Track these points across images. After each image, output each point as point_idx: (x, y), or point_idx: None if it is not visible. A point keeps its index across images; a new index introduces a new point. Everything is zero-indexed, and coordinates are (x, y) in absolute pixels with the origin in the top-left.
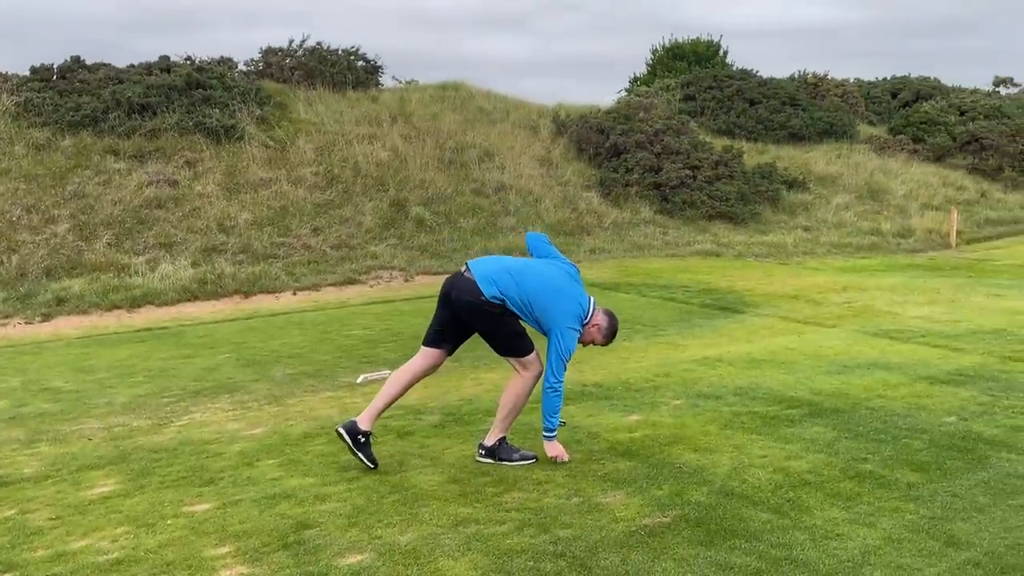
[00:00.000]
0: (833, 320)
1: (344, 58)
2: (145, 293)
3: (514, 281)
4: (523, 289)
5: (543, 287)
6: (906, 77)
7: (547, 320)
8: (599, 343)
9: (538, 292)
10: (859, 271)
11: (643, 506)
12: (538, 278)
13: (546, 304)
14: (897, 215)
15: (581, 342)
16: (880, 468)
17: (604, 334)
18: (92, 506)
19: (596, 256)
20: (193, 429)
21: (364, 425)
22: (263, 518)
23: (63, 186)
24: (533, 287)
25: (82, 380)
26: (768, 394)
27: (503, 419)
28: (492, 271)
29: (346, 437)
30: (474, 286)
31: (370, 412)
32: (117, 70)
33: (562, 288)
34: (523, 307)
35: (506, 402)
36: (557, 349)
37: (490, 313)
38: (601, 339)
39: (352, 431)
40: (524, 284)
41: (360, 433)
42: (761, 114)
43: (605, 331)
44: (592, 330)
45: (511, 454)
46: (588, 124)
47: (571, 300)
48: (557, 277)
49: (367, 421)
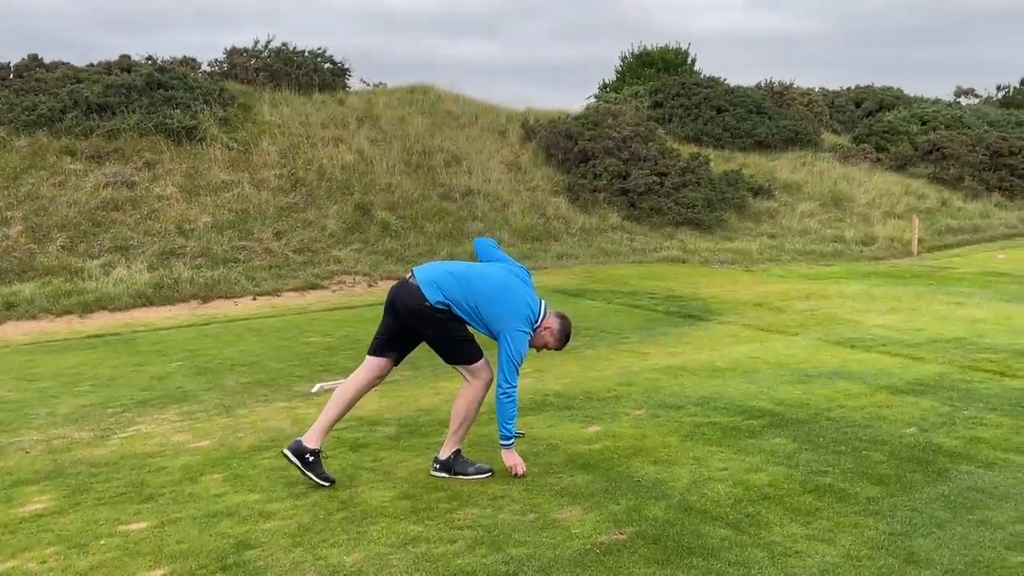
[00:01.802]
0: (796, 328)
1: (311, 60)
2: (98, 298)
3: (459, 284)
4: (469, 292)
5: (490, 289)
6: (870, 87)
7: (495, 323)
8: (552, 347)
9: (485, 294)
10: (823, 278)
11: (599, 522)
12: (485, 280)
13: (493, 306)
14: (860, 223)
15: (533, 346)
16: (840, 481)
17: (556, 337)
18: (23, 524)
19: (563, 262)
20: (136, 442)
21: (311, 443)
22: (202, 538)
23: (16, 187)
24: (479, 289)
25: (25, 389)
26: (730, 404)
27: (455, 431)
28: (436, 275)
29: (292, 458)
30: (418, 292)
31: (316, 430)
32: (76, 69)
33: (510, 289)
34: (470, 311)
35: (457, 413)
36: (507, 353)
37: (435, 319)
38: (554, 343)
39: (299, 451)
40: (470, 287)
41: (308, 452)
42: (728, 122)
43: (557, 334)
44: (544, 333)
45: (466, 467)
46: (557, 129)
47: (520, 302)
48: (505, 279)
49: (314, 439)
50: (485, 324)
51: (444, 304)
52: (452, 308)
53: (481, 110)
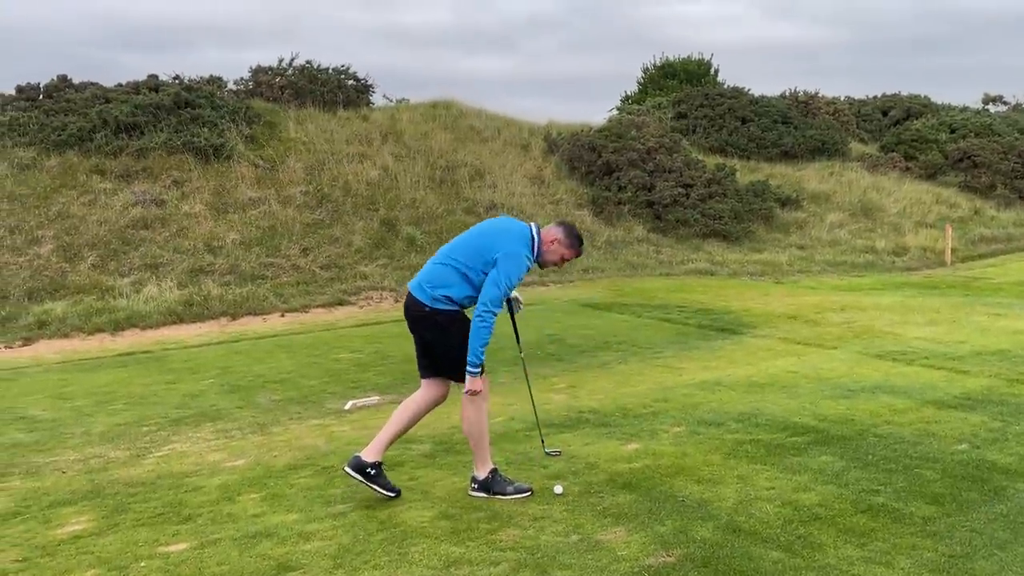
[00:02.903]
0: (834, 341)
1: (334, 77)
2: (129, 316)
3: (443, 261)
4: (454, 257)
5: (473, 234)
6: (896, 95)
7: (491, 252)
8: (569, 256)
9: (470, 244)
10: (855, 290)
11: (646, 544)
12: (467, 235)
13: (483, 241)
14: (891, 233)
15: (553, 264)
16: (894, 501)
17: (568, 243)
18: (62, 546)
19: (589, 275)
20: (172, 460)
21: (370, 458)
22: (243, 559)
23: (47, 206)
24: (462, 243)
25: (59, 408)
26: (771, 420)
27: (477, 451)
28: (422, 275)
29: (354, 474)
30: (414, 300)
31: (376, 445)
32: (104, 89)
33: (498, 225)
34: (466, 274)
35: (470, 434)
36: (496, 277)
37: (435, 323)
38: (569, 251)
39: (359, 466)
40: (453, 252)
41: (368, 465)
42: (753, 132)
43: (566, 239)
44: (553, 247)
45: (505, 487)
46: (580, 142)
47: (510, 225)
48: (483, 224)
49: (373, 453)
50: (484, 271)
51: (441, 299)
52: (451, 298)
53: (503, 124)
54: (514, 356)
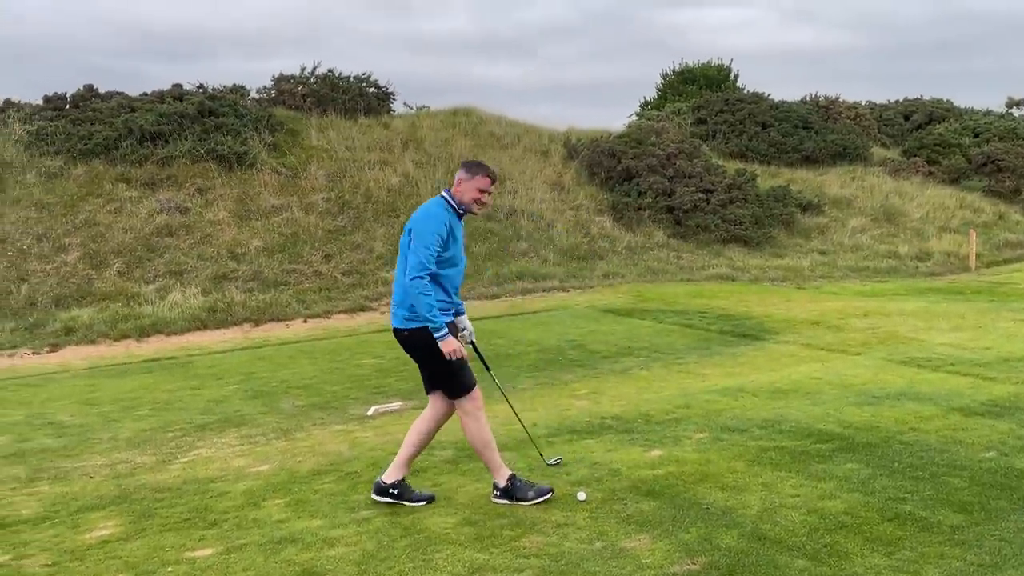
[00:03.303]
0: (857, 347)
1: (356, 85)
2: (154, 322)
3: (397, 279)
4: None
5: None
6: (918, 99)
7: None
8: (483, 185)
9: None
10: (879, 295)
11: (670, 551)
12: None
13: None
14: (914, 238)
15: (474, 204)
16: (921, 509)
17: (470, 175)
18: (90, 551)
19: (610, 281)
20: (198, 466)
21: (390, 479)
22: (268, 565)
23: (74, 214)
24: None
25: (87, 413)
26: (796, 427)
27: (488, 461)
28: (393, 299)
29: (381, 499)
30: (393, 326)
31: (394, 467)
32: (130, 98)
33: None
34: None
35: (475, 448)
36: (414, 247)
37: (412, 343)
38: (475, 181)
39: (381, 490)
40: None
41: (389, 487)
42: (773, 137)
43: (468, 174)
44: (463, 187)
45: (526, 492)
46: (599, 148)
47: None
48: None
49: (392, 475)
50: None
51: (408, 316)
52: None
53: (523, 131)
54: (536, 362)
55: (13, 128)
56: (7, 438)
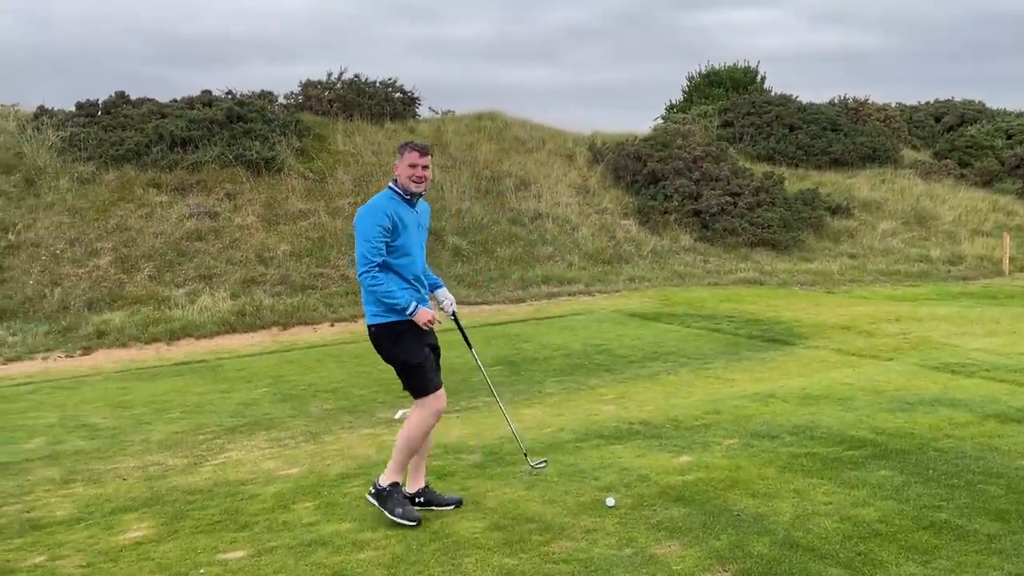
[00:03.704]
0: (889, 352)
1: (382, 90)
2: (184, 325)
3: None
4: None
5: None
6: (949, 101)
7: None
8: (415, 161)
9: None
10: (911, 300)
11: (701, 559)
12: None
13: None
14: (946, 241)
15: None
16: (957, 517)
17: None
18: (124, 552)
19: (635, 285)
20: (229, 468)
21: (412, 489)
22: (299, 567)
23: (106, 219)
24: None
25: (119, 416)
26: (827, 433)
27: (396, 458)
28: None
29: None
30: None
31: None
32: (160, 105)
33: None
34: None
35: (400, 438)
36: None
37: (379, 341)
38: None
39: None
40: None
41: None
42: (801, 140)
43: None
44: (399, 171)
45: (394, 507)
46: (625, 151)
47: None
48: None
49: (413, 485)
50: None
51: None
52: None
53: (548, 135)
54: (562, 366)
55: (47, 134)
56: (42, 440)
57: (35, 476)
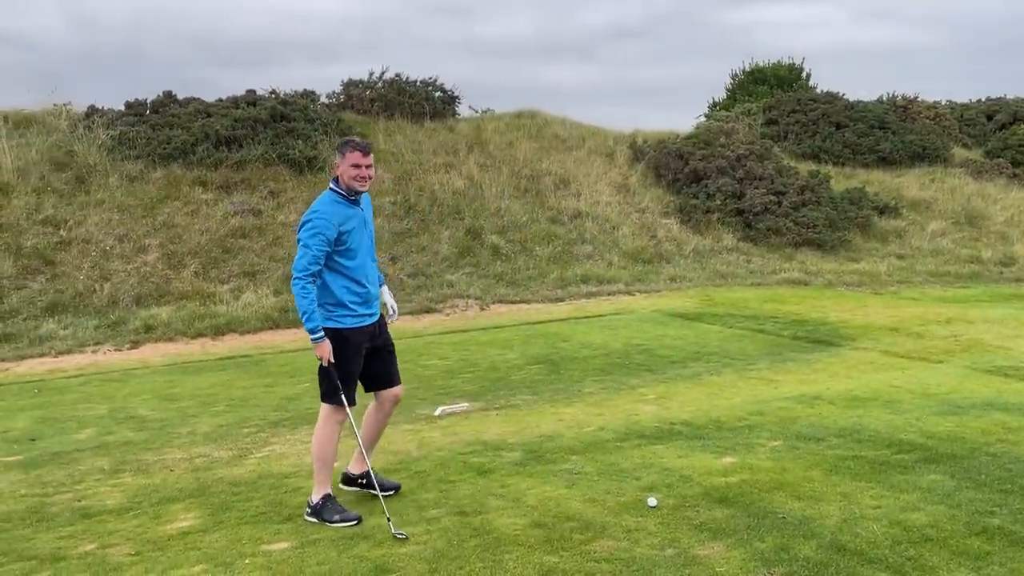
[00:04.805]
0: (939, 355)
1: (422, 89)
2: (229, 321)
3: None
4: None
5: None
6: (1002, 99)
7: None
8: (356, 160)
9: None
10: (961, 302)
11: (745, 560)
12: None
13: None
14: (998, 242)
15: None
16: (1010, 523)
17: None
18: (171, 541)
19: (677, 284)
20: (273, 461)
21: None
22: (341, 560)
23: (154, 216)
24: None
25: (166, 408)
26: (875, 436)
27: (317, 472)
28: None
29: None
30: None
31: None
32: (206, 104)
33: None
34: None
35: (313, 451)
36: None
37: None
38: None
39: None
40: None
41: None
42: (848, 138)
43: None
44: (341, 170)
45: (332, 516)
46: (666, 150)
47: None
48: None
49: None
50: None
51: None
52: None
53: (588, 133)
54: (602, 366)
55: (97, 133)
56: (93, 431)
57: (85, 466)
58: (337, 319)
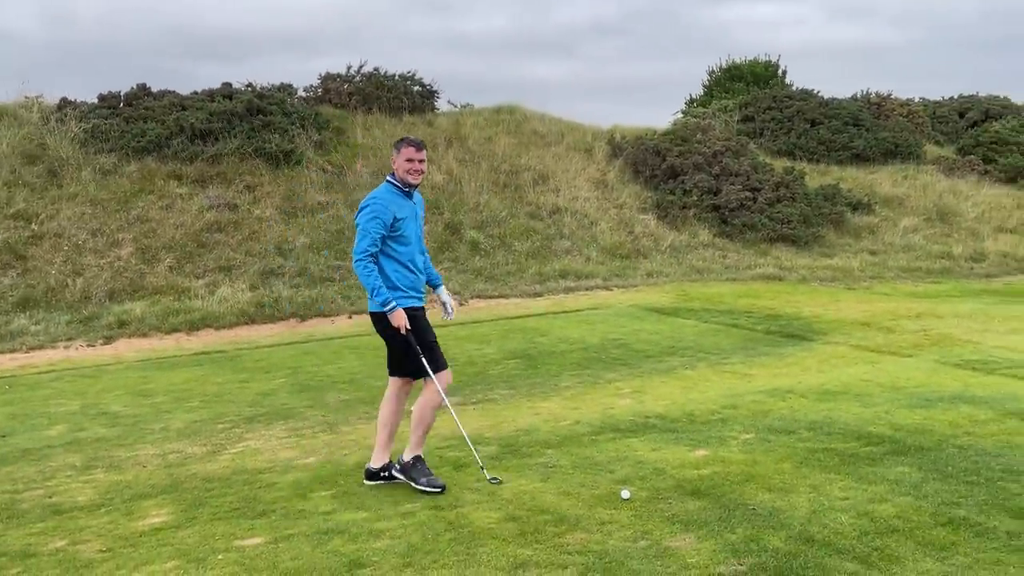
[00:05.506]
0: (909, 349)
1: (400, 83)
2: (204, 316)
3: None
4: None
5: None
6: (974, 96)
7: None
8: (411, 155)
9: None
10: (932, 297)
11: (716, 552)
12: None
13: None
14: (969, 238)
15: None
16: (975, 514)
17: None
18: (143, 538)
19: (654, 280)
20: (247, 457)
21: (377, 464)
22: (315, 555)
23: (127, 210)
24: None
25: (139, 404)
26: (845, 429)
27: (413, 435)
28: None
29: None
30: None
31: (377, 450)
32: (181, 97)
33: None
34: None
35: (413, 417)
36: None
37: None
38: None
39: (372, 475)
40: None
41: (382, 470)
42: (823, 135)
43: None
44: (396, 165)
45: (419, 476)
46: (644, 146)
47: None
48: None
49: (378, 459)
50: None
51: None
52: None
53: (567, 129)
54: (579, 360)
55: (69, 126)
56: (64, 427)
57: (57, 462)
58: (396, 300)
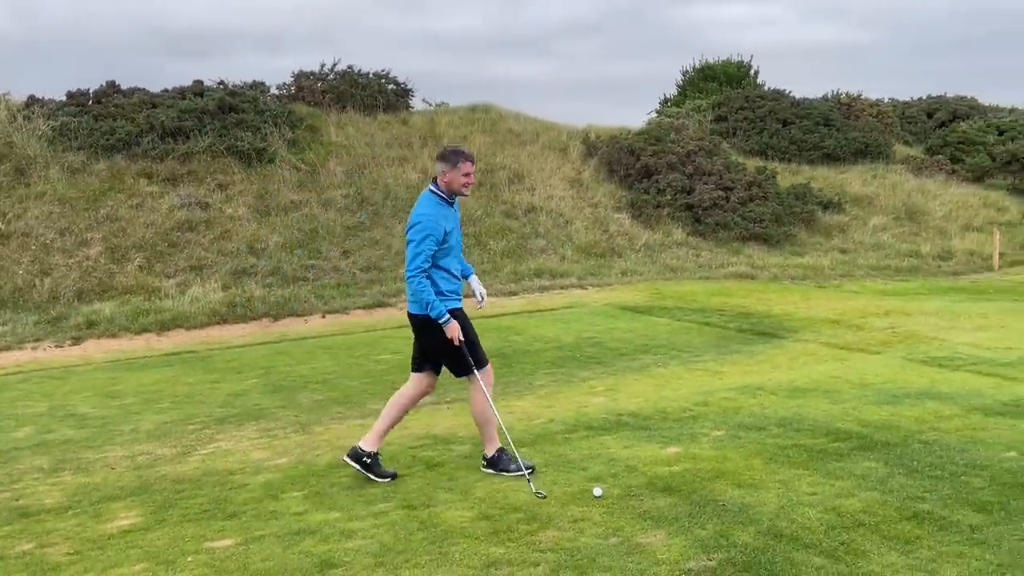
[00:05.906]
0: (878, 346)
1: (375, 81)
2: (175, 316)
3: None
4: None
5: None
6: (942, 97)
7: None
8: (464, 169)
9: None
10: (900, 294)
11: (686, 547)
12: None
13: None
14: (937, 237)
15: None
16: (940, 508)
17: (450, 165)
18: (112, 540)
19: (628, 278)
20: (218, 458)
21: (368, 447)
22: (286, 556)
23: (96, 209)
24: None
25: (108, 406)
26: (814, 425)
27: (483, 432)
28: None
29: (352, 463)
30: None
31: (372, 435)
32: (151, 95)
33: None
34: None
35: (475, 417)
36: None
37: (415, 325)
38: (456, 168)
39: (356, 455)
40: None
41: (365, 455)
42: (794, 135)
43: (446, 165)
44: (447, 178)
45: (508, 464)
46: (619, 145)
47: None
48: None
49: (371, 443)
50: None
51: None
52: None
53: (542, 128)
54: (553, 359)
55: (37, 124)
56: (31, 429)
57: (24, 464)
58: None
